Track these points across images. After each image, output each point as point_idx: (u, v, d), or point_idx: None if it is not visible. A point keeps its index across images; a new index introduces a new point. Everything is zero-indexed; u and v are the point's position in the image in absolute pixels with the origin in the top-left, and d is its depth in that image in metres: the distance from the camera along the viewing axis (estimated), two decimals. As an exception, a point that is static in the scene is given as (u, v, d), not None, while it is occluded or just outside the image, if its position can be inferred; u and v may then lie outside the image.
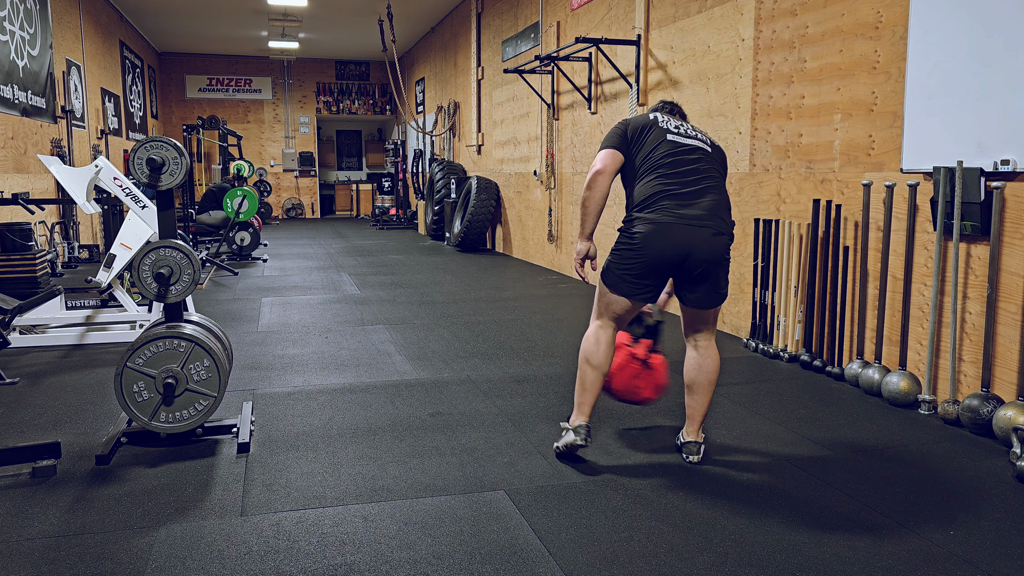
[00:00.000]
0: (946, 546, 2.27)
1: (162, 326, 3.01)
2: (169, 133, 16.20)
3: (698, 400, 2.89)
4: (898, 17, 3.70)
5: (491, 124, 10.42)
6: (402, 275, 7.98)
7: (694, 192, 2.73)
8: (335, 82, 17.57)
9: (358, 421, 3.37)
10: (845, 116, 4.08)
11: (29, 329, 4.87)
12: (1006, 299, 3.23)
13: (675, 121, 2.89)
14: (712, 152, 2.84)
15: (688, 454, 2.90)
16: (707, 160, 2.80)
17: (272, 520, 2.42)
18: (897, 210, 3.75)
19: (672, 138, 2.81)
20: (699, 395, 2.89)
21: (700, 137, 2.86)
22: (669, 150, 2.78)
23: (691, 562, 2.17)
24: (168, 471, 2.80)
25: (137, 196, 4.47)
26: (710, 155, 2.82)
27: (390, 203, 15.14)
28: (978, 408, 3.18)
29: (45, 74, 8.28)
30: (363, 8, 11.83)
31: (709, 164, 2.80)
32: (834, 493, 2.63)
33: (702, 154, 2.80)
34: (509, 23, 9.48)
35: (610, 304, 2.84)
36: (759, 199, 4.81)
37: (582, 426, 2.83)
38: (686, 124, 2.90)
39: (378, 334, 5.12)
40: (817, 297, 4.26)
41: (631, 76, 6.28)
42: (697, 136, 2.86)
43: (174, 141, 2.98)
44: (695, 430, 2.92)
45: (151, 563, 2.15)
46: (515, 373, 4.14)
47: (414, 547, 2.25)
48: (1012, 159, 3.14)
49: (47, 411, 3.49)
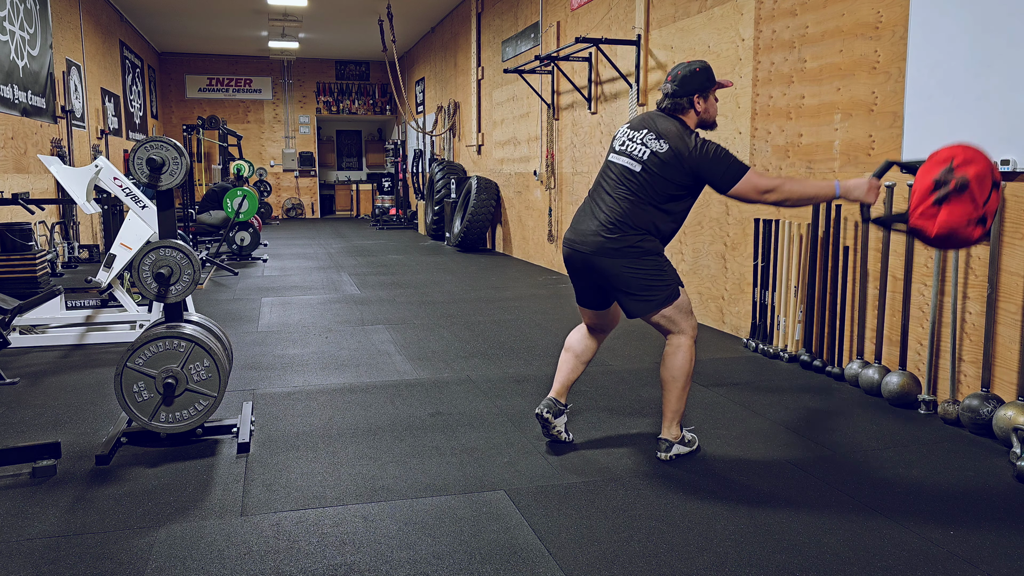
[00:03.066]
0: (946, 546, 2.27)
1: (162, 326, 3.01)
2: (169, 133, 16.20)
3: (663, 397, 2.93)
4: (898, 17, 3.70)
5: (491, 124, 10.42)
6: (402, 275, 7.98)
7: (596, 208, 2.86)
8: (335, 82, 17.57)
9: (358, 421, 3.37)
10: (845, 116, 4.08)
11: (29, 329, 4.87)
12: (1006, 299, 3.23)
13: (631, 134, 2.90)
14: (642, 169, 2.80)
15: (657, 450, 2.94)
16: (627, 176, 2.83)
17: (272, 520, 2.42)
18: (897, 210, 3.75)
19: (610, 157, 2.94)
20: (663, 392, 2.92)
21: (637, 154, 2.83)
22: (603, 168, 2.96)
23: (691, 562, 2.17)
24: (168, 471, 2.80)
25: (137, 196, 4.46)
26: (632, 171, 2.82)
27: (390, 203, 15.14)
28: (978, 408, 3.18)
29: (45, 74, 8.28)
30: (363, 8, 11.83)
31: (629, 180, 2.82)
32: (834, 493, 2.63)
33: (624, 171, 2.85)
34: (509, 23, 9.48)
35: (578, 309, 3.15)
36: (759, 199, 4.80)
37: (548, 398, 3.08)
38: (642, 134, 2.86)
39: (378, 334, 5.12)
40: (817, 297, 4.26)
41: (631, 76, 6.29)
42: (634, 153, 2.84)
43: (174, 141, 2.99)
44: (665, 427, 2.94)
45: (151, 563, 2.15)
46: (515, 373, 4.14)
47: (414, 547, 2.25)
48: (1012, 159, 3.14)
49: (47, 411, 3.49)
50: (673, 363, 2.87)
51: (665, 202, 2.82)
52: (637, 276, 2.79)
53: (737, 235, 5.03)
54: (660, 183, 2.80)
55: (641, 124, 2.90)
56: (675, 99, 2.86)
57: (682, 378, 2.87)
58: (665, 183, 2.80)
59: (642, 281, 2.79)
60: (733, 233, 5.07)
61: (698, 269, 5.48)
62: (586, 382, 3.96)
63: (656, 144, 2.80)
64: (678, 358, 2.86)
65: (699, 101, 2.86)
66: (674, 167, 2.78)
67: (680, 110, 2.87)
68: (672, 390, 2.89)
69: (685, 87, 2.85)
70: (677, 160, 2.77)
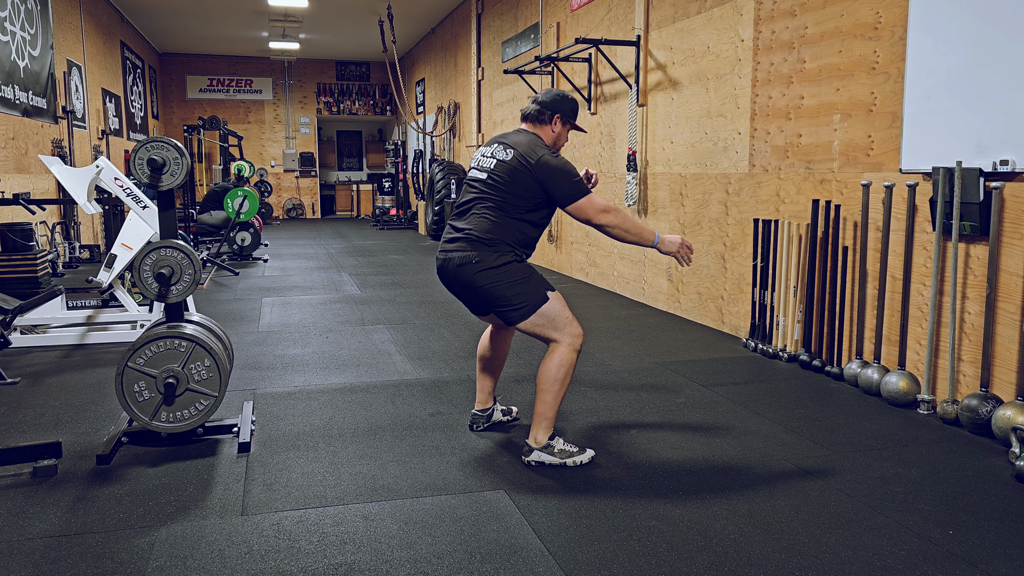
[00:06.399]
0: (946, 546, 2.27)
1: (163, 326, 3.02)
2: (170, 133, 16.21)
3: (535, 399, 2.91)
4: (897, 18, 3.71)
5: (491, 124, 10.43)
6: (402, 275, 7.99)
7: (459, 223, 2.93)
8: (335, 83, 17.58)
9: (358, 421, 3.38)
10: (844, 116, 4.08)
11: (30, 329, 4.88)
12: (1005, 299, 3.24)
13: (484, 151, 2.99)
14: (488, 178, 2.88)
15: (521, 454, 2.94)
16: (480, 185, 2.91)
17: (273, 519, 2.43)
18: (896, 210, 3.76)
19: (470, 173, 3.01)
20: (536, 395, 2.91)
21: (485, 166, 2.92)
22: (464, 187, 3.03)
23: (691, 562, 2.17)
24: (169, 471, 2.81)
25: (138, 196, 4.47)
26: (484, 182, 2.90)
27: (390, 203, 15.14)
28: (977, 408, 3.18)
29: (46, 74, 8.28)
30: (363, 9, 11.84)
31: (483, 190, 2.90)
32: (834, 493, 2.64)
33: (479, 183, 2.93)
34: (509, 24, 9.49)
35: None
36: (758, 199, 4.81)
37: (473, 412, 3.28)
38: (492, 148, 2.95)
39: (378, 334, 5.13)
40: (816, 297, 4.26)
41: (631, 77, 6.29)
42: (483, 166, 2.93)
43: (175, 141, 2.99)
44: (532, 431, 2.90)
45: (152, 562, 2.16)
46: (515, 373, 4.15)
47: (414, 546, 2.25)
48: (1011, 159, 3.14)
49: (48, 411, 3.50)
50: (546, 368, 2.85)
51: (523, 212, 2.87)
52: (499, 286, 2.81)
53: (736, 235, 5.03)
54: (511, 192, 2.84)
55: (493, 141, 3.00)
56: (540, 107, 2.99)
57: (552, 386, 2.84)
58: (517, 191, 2.84)
59: (505, 290, 2.82)
60: (732, 233, 5.08)
61: (697, 269, 5.48)
62: (585, 382, 3.96)
63: (503, 153, 2.90)
64: (550, 363, 2.84)
65: (557, 122, 2.99)
66: (522, 175, 2.83)
67: (540, 120, 2.99)
68: (540, 395, 2.87)
69: (552, 104, 2.99)
70: (524, 167, 2.82)
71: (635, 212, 6.39)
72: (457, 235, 2.90)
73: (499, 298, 2.83)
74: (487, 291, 2.83)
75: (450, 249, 2.90)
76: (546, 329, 2.84)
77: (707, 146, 5.35)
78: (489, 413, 3.28)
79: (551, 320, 2.84)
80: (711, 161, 5.31)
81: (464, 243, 2.86)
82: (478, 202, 2.90)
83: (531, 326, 2.85)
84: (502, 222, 2.84)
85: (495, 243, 2.83)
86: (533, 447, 2.88)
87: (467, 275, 2.84)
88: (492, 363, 3.25)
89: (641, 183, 6.27)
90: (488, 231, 2.83)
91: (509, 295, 2.82)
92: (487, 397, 3.26)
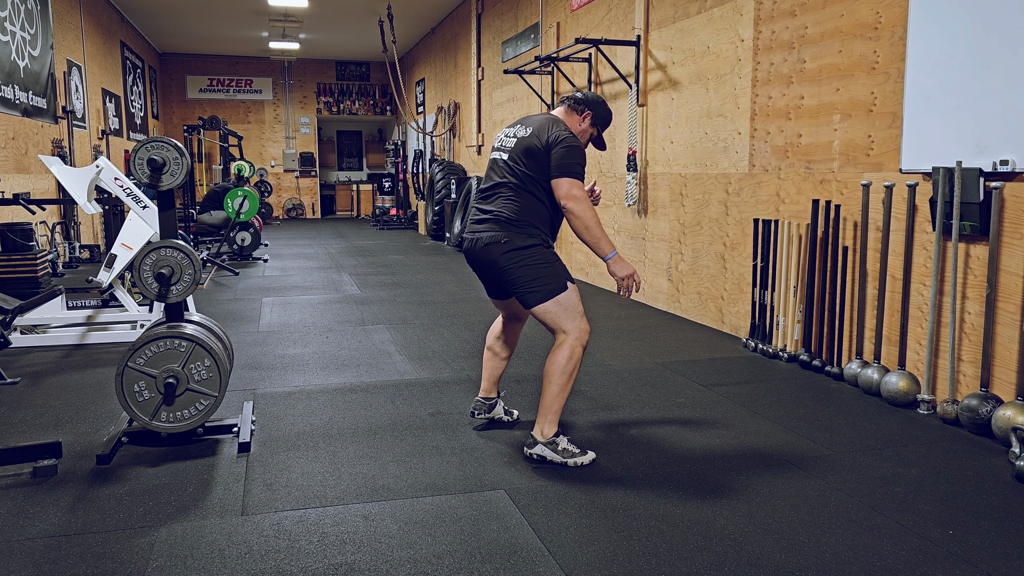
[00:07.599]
0: (946, 546, 2.27)
1: (163, 326, 3.02)
2: (170, 133, 16.21)
3: (542, 391, 2.92)
4: (897, 18, 3.71)
5: (491, 124, 10.43)
6: (402, 275, 7.99)
7: (485, 204, 2.99)
8: (335, 83, 17.58)
9: (358, 421, 3.38)
10: (844, 116, 4.08)
11: (30, 329, 4.88)
12: (1005, 299, 3.24)
13: (506, 131, 3.04)
14: (509, 159, 2.94)
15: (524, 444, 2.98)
16: (503, 167, 2.97)
17: (273, 519, 2.43)
18: (896, 210, 3.76)
19: (492, 155, 3.06)
20: (544, 387, 2.91)
21: (507, 146, 2.98)
22: (488, 168, 3.08)
23: (691, 562, 2.17)
24: (169, 470, 2.81)
25: (138, 196, 4.47)
26: (506, 161, 2.96)
27: (390, 203, 15.14)
28: (977, 408, 3.18)
29: (46, 74, 8.28)
30: (363, 9, 11.84)
31: (504, 170, 2.96)
32: (834, 493, 2.64)
33: (500, 163, 2.99)
34: (509, 24, 9.49)
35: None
36: (758, 199, 4.81)
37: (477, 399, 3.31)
38: (514, 128, 3.01)
39: (378, 334, 5.13)
40: (816, 297, 4.26)
41: (631, 77, 6.29)
42: (504, 146, 3.00)
43: (175, 141, 2.99)
44: (537, 423, 2.91)
45: (152, 562, 2.16)
46: (515, 373, 4.15)
47: (414, 546, 2.25)
48: (1011, 159, 3.14)
49: (48, 411, 3.50)
50: (554, 359, 2.86)
51: (541, 192, 2.91)
52: (523, 267, 2.86)
53: (736, 235, 5.03)
54: (529, 171, 2.89)
55: (517, 122, 3.06)
56: (579, 99, 3.06)
57: (560, 378, 2.84)
58: (533, 168, 2.89)
59: (528, 272, 2.86)
60: (732, 233, 5.08)
61: (697, 269, 5.48)
62: (586, 382, 3.96)
63: (523, 132, 2.96)
64: (559, 355, 2.85)
65: (586, 119, 3.05)
66: (537, 152, 2.88)
67: (574, 108, 3.05)
68: (547, 387, 2.88)
69: (589, 103, 3.06)
70: (538, 142, 2.89)
71: (635, 212, 6.40)
72: (485, 216, 2.96)
73: (520, 279, 2.87)
74: (511, 271, 2.87)
75: (478, 230, 2.96)
76: (559, 318, 2.86)
77: (707, 146, 5.35)
78: (492, 404, 3.30)
79: (566, 310, 2.86)
80: (711, 161, 5.31)
81: (493, 223, 2.92)
82: (502, 185, 2.95)
83: (545, 311, 2.86)
84: (526, 202, 2.90)
85: (523, 224, 2.89)
86: (538, 440, 2.89)
87: (494, 254, 2.89)
88: (500, 353, 3.28)
89: (641, 183, 6.28)
90: (516, 212, 2.89)
91: (531, 277, 2.85)
92: (491, 386, 3.28)
